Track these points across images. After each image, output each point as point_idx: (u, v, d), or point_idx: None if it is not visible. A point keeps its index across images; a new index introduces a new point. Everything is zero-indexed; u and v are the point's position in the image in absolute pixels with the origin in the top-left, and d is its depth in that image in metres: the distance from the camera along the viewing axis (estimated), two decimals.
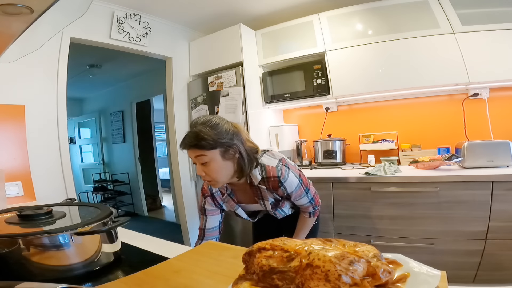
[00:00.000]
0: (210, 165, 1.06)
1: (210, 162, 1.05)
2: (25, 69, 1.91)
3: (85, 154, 6.37)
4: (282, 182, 1.16)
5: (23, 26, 0.77)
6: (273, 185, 1.17)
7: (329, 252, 0.41)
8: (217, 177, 1.08)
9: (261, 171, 1.16)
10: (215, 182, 1.10)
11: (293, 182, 1.19)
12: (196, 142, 1.04)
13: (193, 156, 1.06)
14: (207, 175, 1.08)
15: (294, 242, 0.47)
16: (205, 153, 1.04)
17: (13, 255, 0.61)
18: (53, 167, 2.04)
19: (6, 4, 0.65)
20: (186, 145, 1.07)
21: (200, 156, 1.05)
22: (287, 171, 1.17)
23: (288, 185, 1.18)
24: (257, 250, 0.47)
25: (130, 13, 2.48)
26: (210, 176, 1.08)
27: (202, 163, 1.06)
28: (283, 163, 1.19)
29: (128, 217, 0.73)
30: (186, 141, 1.07)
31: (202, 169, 1.07)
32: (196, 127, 1.07)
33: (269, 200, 1.23)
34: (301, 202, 1.26)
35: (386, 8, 2.29)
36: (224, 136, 1.06)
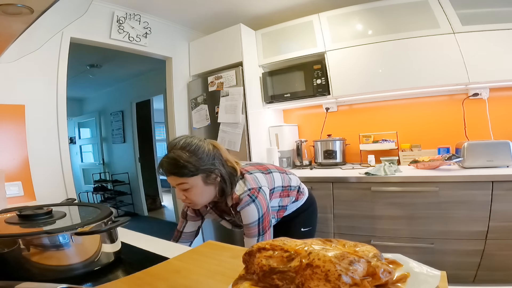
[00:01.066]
0: (191, 191, 1.02)
1: (191, 189, 1.02)
2: (25, 69, 1.91)
3: (85, 154, 6.37)
4: (238, 211, 1.09)
5: (23, 26, 0.77)
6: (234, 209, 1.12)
7: (329, 252, 0.41)
8: (198, 200, 1.06)
9: (231, 197, 1.12)
10: (195, 205, 1.09)
11: (250, 216, 1.09)
12: (176, 170, 0.99)
13: (174, 183, 1.02)
14: (188, 198, 1.04)
15: (294, 242, 0.47)
16: (186, 181, 1.00)
17: (13, 255, 0.60)
18: (53, 167, 2.04)
19: (6, 4, 0.65)
20: (165, 172, 1.01)
21: (181, 184, 1.01)
22: (249, 201, 1.08)
23: (243, 214, 1.09)
24: (257, 250, 0.47)
25: (130, 13, 2.48)
26: (191, 199, 1.05)
27: (184, 189, 1.02)
28: (252, 193, 1.10)
29: (128, 217, 0.73)
30: (164, 167, 1.00)
31: (183, 193, 1.03)
32: (174, 152, 1.01)
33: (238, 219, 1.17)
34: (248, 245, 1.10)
35: (386, 8, 2.29)
36: (205, 161, 1.02)
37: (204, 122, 2.83)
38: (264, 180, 1.19)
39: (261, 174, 1.22)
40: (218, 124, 2.70)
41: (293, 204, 1.37)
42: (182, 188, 1.01)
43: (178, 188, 1.02)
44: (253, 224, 1.09)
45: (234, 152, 2.59)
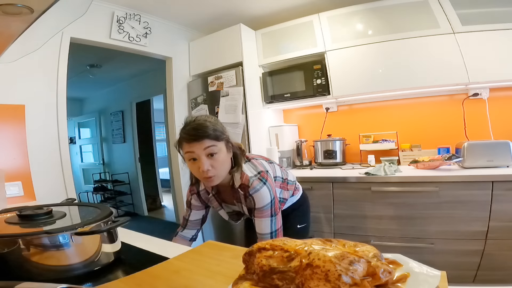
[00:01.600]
0: (218, 157, 1.02)
1: (218, 154, 1.02)
2: (25, 69, 1.90)
3: (85, 154, 6.37)
4: (250, 192, 1.10)
5: (23, 26, 0.77)
6: (245, 192, 1.12)
7: (329, 252, 0.41)
8: (221, 170, 1.05)
9: (239, 177, 1.13)
10: (217, 178, 1.06)
11: (264, 199, 1.11)
12: (208, 132, 1.00)
13: (202, 148, 1.00)
14: (214, 168, 1.02)
15: (294, 242, 0.47)
16: (216, 144, 1.02)
17: (13, 255, 0.60)
18: (53, 167, 2.04)
19: (6, 4, 0.65)
20: (197, 136, 1.00)
21: (211, 147, 1.00)
22: (260, 184, 1.11)
23: (256, 198, 1.11)
24: (257, 250, 0.47)
25: (130, 13, 2.48)
26: (216, 169, 1.03)
27: (211, 154, 1.01)
28: (262, 176, 1.13)
29: (128, 217, 0.73)
30: (199, 131, 1.00)
31: (210, 162, 1.01)
32: (199, 119, 1.03)
33: (245, 204, 1.18)
34: (261, 226, 1.13)
35: (386, 8, 2.29)
36: (225, 131, 1.08)
37: None
38: (268, 167, 1.23)
39: (264, 161, 1.26)
40: None
41: (290, 198, 1.39)
42: (210, 151, 1.01)
43: (205, 155, 1.00)
44: (266, 206, 1.11)
45: None
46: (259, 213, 1.12)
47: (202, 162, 1.00)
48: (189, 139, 1.01)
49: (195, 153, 1.01)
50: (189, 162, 1.04)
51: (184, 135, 1.02)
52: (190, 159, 1.03)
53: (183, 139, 1.02)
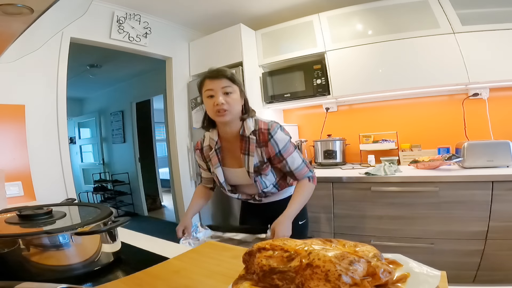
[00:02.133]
0: (232, 96, 1.16)
1: (232, 94, 1.16)
2: (25, 69, 1.91)
3: (85, 154, 6.37)
4: (271, 134, 1.19)
5: (23, 26, 0.77)
6: (263, 138, 1.20)
7: (329, 252, 0.41)
8: (233, 107, 1.17)
9: (254, 124, 1.23)
10: (229, 113, 1.16)
11: (283, 139, 1.21)
12: (228, 74, 1.17)
13: (220, 86, 1.15)
14: (227, 103, 1.15)
15: (294, 242, 0.47)
16: (232, 86, 1.17)
17: (13, 255, 0.61)
18: (53, 167, 2.04)
19: (6, 4, 0.65)
20: (219, 74, 1.16)
21: (227, 87, 1.16)
22: (278, 126, 1.21)
23: (278, 139, 1.20)
24: (257, 250, 0.47)
25: (130, 13, 2.49)
26: (229, 104, 1.15)
27: (226, 92, 1.16)
28: (275, 122, 1.25)
29: (128, 217, 0.73)
30: (220, 72, 1.16)
31: (225, 99, 1.15)
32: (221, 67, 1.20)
33: (254, 158, 1.22)
34: (294, 163, 1.23)
35: (386, 8, 2.29)
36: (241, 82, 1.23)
37: None
38: None
39: None
40: None
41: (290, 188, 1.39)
42: (226, 90, 1.16)
43: (221, 93, 1.15)
44: (288, 143, 1.22)
45: None
46: (286, 152, 1.21)
47: (218, 97, 1.14)
48: (210, 76, 1.17)
49: (213, 90, 1.15)
50: (207, 99, 1.17)
51: (207, 73, 1.18)
52: (208, 96, 1.16)
53: (206, 77, 1.18)
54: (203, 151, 1.35)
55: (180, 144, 2.96)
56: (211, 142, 1.30)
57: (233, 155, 1.28)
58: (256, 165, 1.23)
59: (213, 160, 1.30)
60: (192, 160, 3.00)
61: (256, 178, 1.26)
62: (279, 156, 1.21)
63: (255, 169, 1.23)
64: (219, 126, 1.26)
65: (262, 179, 1.26)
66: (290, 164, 1.23)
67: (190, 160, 3.03)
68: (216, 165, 1.30)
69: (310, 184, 1.27)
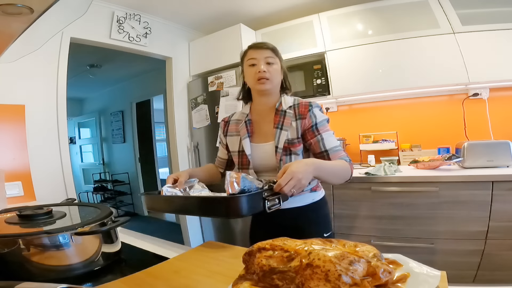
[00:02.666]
0: (273, 67, 1.16)
1: (274, 65, 1.17)
2: (25, 69, 1.91)
3: (85, 154, 6.37)
4: (312, 106, 1.16)
5: (23, 26, 0.77)
6: (303, 110, 1.15)
7: (329, 252, 0.41)
8: (275, 77, 1.17)
9: (293, 100, 1.21)
10: (270, 82, 1.16)
11: (322, 115, 1.17)
12: (271, 47, 1.18)
13: (263, 56, 1.15)
14: (268, 72, 1.15)
15: (294, 242, 0.47)
16: (274, 56, 1.17)
17: (13, 255, 0.61)
18: (53, 167, 2.04)
19: (6, 4, 0.65)
20: (263, 45, 1.18)
21: (270, 57, 1.16)
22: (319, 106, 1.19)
23: (317, 112, 1.15)
24: (257, 250, 0.47)
25: (130, 13, 2.48)
26: (271, 73, 1.15)
27: (269, 62, 1.16)
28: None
29: (127, 217, 0.73)
30: (263, 43, 1.19)
31: (266, 67, 1.15)
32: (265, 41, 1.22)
33: (288, 133, 1.13)
34: (330, 141, 1.12)
35: (386, 8, 2.29)
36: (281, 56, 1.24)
37: (204, 122, 2.83)
38: None
39: None
40: (218, 124, 2.70)
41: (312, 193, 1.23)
42: (268, 61, 1.16)
43: (264, 62, 1.15)
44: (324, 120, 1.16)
45: None
46: (322, 127, 1.14)
47: (261, 65, 1.14)
48: (255, 47, 1.18)
49: (256, 59, 1.16)
50: (248, 68, 1.17)
51: (251, 44, 1.20)
52: (250, 64, 1.17)
53: (250, 48, 1.20)
54: (229, 124, 1.30)
55: (180, 144, 2.96)
56: (241, 116, 1.26)
57: (262, 130, 1.22)
58: (287, 141, 1.13)
59: (242, 131, 1.22)
60: (192, 161, 3.00)
61: (282, 157, 1.13)
62: (315, 129, 1.13)
63: (285, 144, 1.13)
64: (256, 97, 1.24)
65: (290, 159, 1.13)
66: (325, 141, 1.12)
67: (190, 160, 3.03)
68: (245, 136, 1.21)
69: (348, 165, 1.09)
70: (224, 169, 1.37)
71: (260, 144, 1.19)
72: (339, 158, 1.10)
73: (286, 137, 1.13)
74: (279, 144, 1.13)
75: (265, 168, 1.20)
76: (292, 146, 1.13)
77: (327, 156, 1.10)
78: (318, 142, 1.12)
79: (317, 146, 1.12)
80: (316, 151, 1.13)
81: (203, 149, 2.89)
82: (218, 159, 1.39)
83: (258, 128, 1.23)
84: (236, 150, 1.24)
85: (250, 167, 1.19)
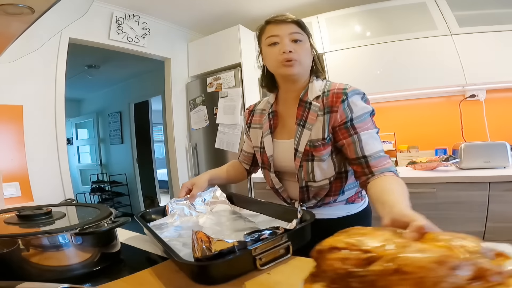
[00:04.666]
0: (301, 45, 0.91)
1: (301, 43, 0.91)
2: (23, 69, 1.90)
3: (83, 155, 6.35)
4: (348, 95, 0.86)
5: (24, 26, 0.77)
6: (332, 101, 0.87)
7: (422, 253, 0.36)
8: (304, 57, 0.92)
9: (324, 86, 0.93)
10: (298, 64, 0.90)
11: (362, 107, 0.88)
12: (298, 20, 0.92)
13: (288, 32, 0.90)
14: (295, 51, 0.89)
15: (372, 239, 0.41)
16: (301, 32, 0.92)
17: (12, 255, 0.60)
18: (51, 168, 2.03)
19: (7, 4, 0.65)
20: (285, 18, 0.91)
21: (296, 33, 0.90)
22: (359, 92, 0.92)
23: (354, 103, 0.87)
24: (329, 250, 0.41)
25: (129, 14, 2.49)
26: (299, 54, 0.90)
27: (295, 40, 0.90)
28: None
29: (128, 218, 0.73)
30: (286, 16, 0.92)
31: (293, 46, 0.89)
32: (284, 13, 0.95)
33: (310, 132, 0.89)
34: (372, 144, 0.83)
35: (384, 10, 2.31)
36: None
37: (203, 123, 2.83)
38: None
39: None
40: (216, 125, 2.70)
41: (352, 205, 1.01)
42: (295, 38, 0.90)
43: (288, 40, 0.90)
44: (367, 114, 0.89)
45: (233, 153, 2.59)
46: (361, 124, 0.85)
47: (285, 43, 0.89)
48: (275, 21, 0.92)
49: (279, 36, 0.90)
50: (268, 48, 0.92)
51: (269, 19, 0.93)
52: (271, 43, 0.91)
53: (268, 23, 0.93)
54: (253, 115, 1.10)
55: (178, 145, 2.96)
56: (266, 106, 1.06)
57: (286, 124, 0.99)
58: (309, 143, 0.89)
59: (264, 126, 1.02)
60: (191, 161, 3.00)
61: (303, 162, 0.91)
62: (349, 126, 0.85)
63: (306, 147, 0.89)
64: (281, 83, 0.99)
65: (312, 166, 0.90)
66: (364, 144, 0.82)
67: (189, 161, 3.03)
68: (266, 133, 1.01)
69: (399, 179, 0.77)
70: (250, 166, 1.19)
71: (282, 140, 0.99)
72: (383, 170, 0.79)
73: (309, 137, 0.89)
74: (299, 147, 0.91)
75: (286, 169, 1.00)
76: (315, 150, 0.89)
77: (365, 163, 0.81)
78: (353, 144, 0.84)
79: (351, 150, 0.84)
80: (351, 155, 0.85)
81: (201, 150, 2.89)
82: (243, 153, 1.19)
83: (282, 121, 1.01)
84: (257, 145, 1.06)
85: (272, 170, 1.00)
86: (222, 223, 0.92)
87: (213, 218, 0.95)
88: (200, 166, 2.91)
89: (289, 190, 1.02)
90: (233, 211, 1.00)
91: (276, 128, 1.01)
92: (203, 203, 1.01)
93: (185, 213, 0.96)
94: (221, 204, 1.02)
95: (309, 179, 0.92)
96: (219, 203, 1.03)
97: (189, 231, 0.81)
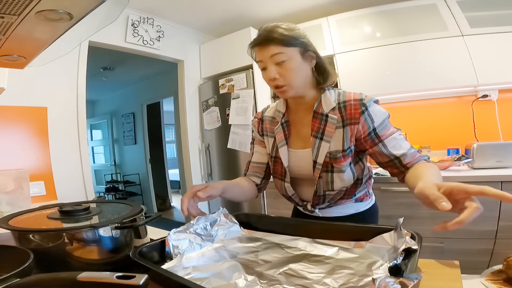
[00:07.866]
0: (287, 65, 0.87)
1: (288, 61, 0.87)
2: (46, 73, 1.98)
3: (97, 156, 6.47)
4: (366, 106, 0.88)
5: (60, 32, 0.78)
6: (351, 113, 0.88)
7: None
8: (293, 79, 0.88)
9: (338, 96, 0.92)
10: (289, 87, 0.89)
11: (381, 113, 0.91)
12: (275, 37, 0.86)
13: (268, 56, 0.87)
14: (282, 77, 0.87)
15: None
16: (283, 50, 0.86)
17: (56, 249, 0.64)
18: (73, 167, 2.10)
19: (48, 10, 0.66)
20: (261, 41, 0.87)
21: (277, 55, 0.86)
22: (375, 99, 0.93)
23: (373, 111, 0.89)
24: None
25: (144, 17, 2.55)
26: (285, 78, 0.87)
27: (278, 62, 0.87)
28: None
29: (160, 213, 0.78)
30: (261, 37, 0.88)
31: (277, 70, 0.87)
32: (270, 25, 0.90)
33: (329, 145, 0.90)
34: (400, 145, 0.88)
35: (394, 11, 2.32)
36: (302, 37, 0.91)
37: (215, 124, 2.89)
38: None
39: None
40: (229, 126, 2.75)
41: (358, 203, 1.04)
42: (276, 60, 0.86)
43: (271, 64, 0.87)
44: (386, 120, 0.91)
45: (245, 154, 2.63)
46: (384, 131, 0.89)
47: (270, 70, 0.88)
48: (258, 44, 0.89)
49: (263, 61, 0.89)
50: (262, 72, 0.93)
51: (253, 41, 0.91)
52: (262, 68, 0.92)
53: (253, 46, 0.91)
54: (263, 122, 1.07)
55: (192, 145, 3.02)
56: (276, 114, 1.03)
57: (300, 133, 0.99)
58: (329, 155, 0.90)
59: (278, 136, 1.00)
60: (204, 161, 3.06)
61: (322, 173, 0.92)
62: (374, 136, 0.88)
63: (326, 159, 0.90)
64: (289, 99, 1.00)
65: (332, 176, 0.92)
66: (393, 148, 0.87)
67: (202, 162, 3.09)
68: (281, 143, 0.99)
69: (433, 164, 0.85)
70: (262, 178, 1.08)
71: (297, 150, 0.98)
72: (418, 160, 0.86)
73: (328, 149, 0.90)
74: (318, 159, 0.91)
75: (302, 176, 0.99)
76: (335, 162, 0.90)
77: (399, 162, 0.87)
78: (381, 150, 0.88)
79: (382, 155, 0.89)
80: (382, 160, 0.90)
81: (213, 150, 2.95)
82: (253, 165, 1.09)
83: (295, 130, 1.01)
84: (270, 154, 1.04)
85: (287, 180, 0.98)
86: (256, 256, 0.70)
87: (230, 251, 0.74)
88: (213, 166, 2.96)
89: (302, 195, 1.03)
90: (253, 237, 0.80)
91: (290, 137, 1.00)
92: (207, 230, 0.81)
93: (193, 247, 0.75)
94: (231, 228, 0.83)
95: (328, 188, 0.93)
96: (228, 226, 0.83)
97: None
